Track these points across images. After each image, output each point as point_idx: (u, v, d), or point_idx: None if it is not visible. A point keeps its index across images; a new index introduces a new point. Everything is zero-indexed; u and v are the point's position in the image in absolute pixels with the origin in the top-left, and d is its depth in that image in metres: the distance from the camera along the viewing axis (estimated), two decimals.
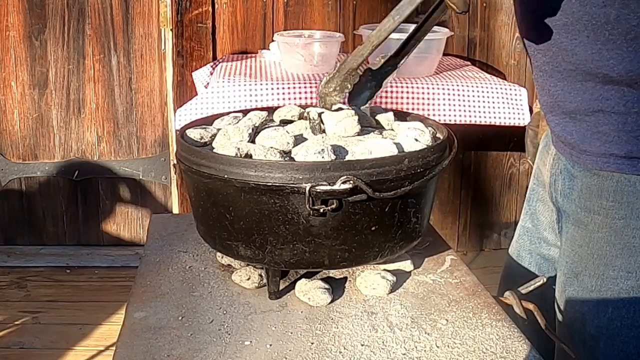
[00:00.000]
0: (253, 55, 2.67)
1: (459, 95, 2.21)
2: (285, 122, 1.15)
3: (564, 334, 1.16)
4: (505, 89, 2.25)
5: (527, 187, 1.30)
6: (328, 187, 0.91)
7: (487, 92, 2.23)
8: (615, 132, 1.02)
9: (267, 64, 2.45)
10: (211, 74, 2.47)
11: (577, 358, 1.11)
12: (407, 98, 2.17)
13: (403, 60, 1.07)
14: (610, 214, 1.06)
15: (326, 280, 1.07)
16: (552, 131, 1.15)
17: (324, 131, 1.06)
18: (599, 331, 1.09)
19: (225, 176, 0.95)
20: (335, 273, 1.10)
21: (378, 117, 1.17)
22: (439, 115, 2.19)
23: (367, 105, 1.12)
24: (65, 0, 2.85)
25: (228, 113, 1.19)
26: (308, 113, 1.08)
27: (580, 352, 1.12)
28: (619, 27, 0.95)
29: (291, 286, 1.06)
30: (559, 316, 1.18)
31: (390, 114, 1.19)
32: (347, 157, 0.98)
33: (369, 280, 1.05)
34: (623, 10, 0.94)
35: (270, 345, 0.92)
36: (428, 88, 2.19)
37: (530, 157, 1.39)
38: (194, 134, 1.08)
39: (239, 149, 0.99)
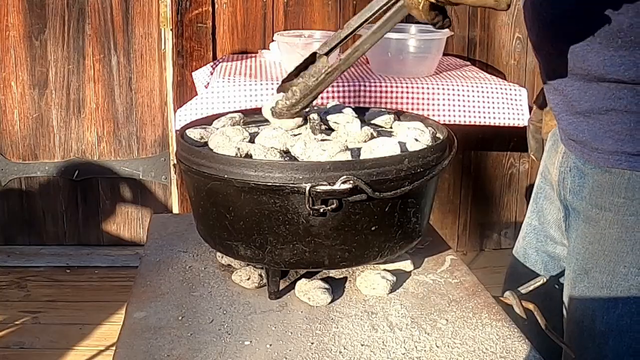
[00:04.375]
0: (253, 55, 2.67)
1: (459, 95, 2.21)
2: None
3: (573, 331, 1.16)
4: (505, 89, 2.25)
5: (527, 187, 1.31)
6: (328, 187, 0.90)
7: (487, 92, 2.23)
8: (627, 130, 1.04)
9: (267, 64, 2.45)
10: (211, 74, 2.47)
11: (586, 355, 1.12)
12: (407, 98, 2.17)
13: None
14: (621, 210, 1.07)
15: (326, 280, 1.07)
16: (563, 130, 1.16)
17: (323, 131, 1.06)
18: (609, 328, 1.10)
19: (225, 176, 0.95)
20: (335, 273, 1.10)
21: (378, 117, 1.17)
22: (439, 115, 2.19)
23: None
24: (65, 0, 2.85)
25: (227, 113, 1.19)
26: (308, 113, 1.08)
27: (589, 349, 1.12)
28: (631, 35, 0.96)
29: (291, 286, 1.06)
30: (568, 313, 1.18)
31: (390, 114, 1.19)
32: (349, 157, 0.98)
33: (369, 280, 1.05)
34: (636, 19, 0.95)
35: (270, 345, 0.92)
36: (428, 88, 2.19)
37: (532, 151, 1.39)
38: (194, 134, 1.08)
39: (239, 149, 0.99)
